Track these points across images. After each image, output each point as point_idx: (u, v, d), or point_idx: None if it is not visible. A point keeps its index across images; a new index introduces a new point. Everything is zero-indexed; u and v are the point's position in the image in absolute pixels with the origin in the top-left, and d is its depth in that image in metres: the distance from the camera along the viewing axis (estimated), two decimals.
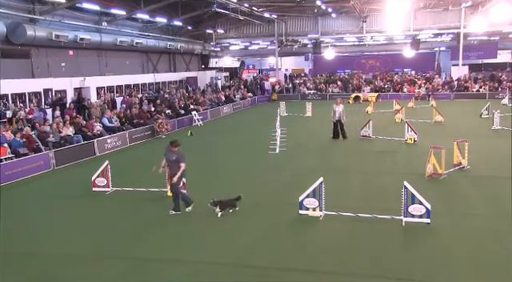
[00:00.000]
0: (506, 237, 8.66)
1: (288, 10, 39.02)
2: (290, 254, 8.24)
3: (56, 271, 7.83)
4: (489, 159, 14.97)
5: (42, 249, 8.75)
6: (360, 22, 40.94)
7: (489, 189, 11.93)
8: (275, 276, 7.46)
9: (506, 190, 11.74)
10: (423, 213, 9.26)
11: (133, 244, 8.90)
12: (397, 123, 23.39)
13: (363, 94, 38.34)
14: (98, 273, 7.71)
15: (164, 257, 8.26)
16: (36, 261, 8.23)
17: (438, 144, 13.61)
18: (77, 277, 7.63)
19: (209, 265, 7.90)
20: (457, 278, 7.18)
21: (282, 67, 52.93)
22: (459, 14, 39.09)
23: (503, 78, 40.53)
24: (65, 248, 8.75)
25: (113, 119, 21.02)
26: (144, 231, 9.57)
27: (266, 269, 7.67)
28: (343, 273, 7.47)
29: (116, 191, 12.53)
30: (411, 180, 9.93)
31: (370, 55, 55.26)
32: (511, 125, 20.89)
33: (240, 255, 8.23)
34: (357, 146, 18.41)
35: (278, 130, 19.55)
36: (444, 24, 40.12)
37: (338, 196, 11.05)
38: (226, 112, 32.34)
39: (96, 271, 7.77)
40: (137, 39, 31.28)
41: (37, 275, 7.75)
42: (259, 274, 7.52)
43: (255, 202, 11.15)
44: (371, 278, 7.31)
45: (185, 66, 42.38)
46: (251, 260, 8.03)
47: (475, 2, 36.21)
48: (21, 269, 7.95)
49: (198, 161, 16.46)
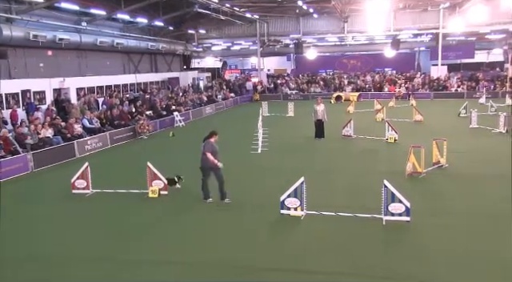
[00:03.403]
0: (485, 234, 8.78)
1: (270, 10, 39.06)
2: (272, 254, 8.22)
3: (33, 275, 7.69)
4: (467, 158, 15.18)
5: (18, 253, 8.56)
6: (341, 22, 41.20)
7: (467, 187, 12.11)
8: (256, 276, 7.42)
9: (483, 187, 11.97)
10: (403, 211, 9.34)
11: (114, 246, 8.78)
12: (378, 123, 23.57)
13: (345, 94, 38.57)
14: (80, 276, 7.60)
15: (147, 258, 8.15)
16: (12, 265, 8.06)
17: (417, 143, 13.71)
18: (58, 280, 7.51)
19: (193, 265, 7.85)
20: (436, 275, 7.23)
21: (265, 67, 53.04)
22: (438, 15, 39.66)
23: (480, 77, 41.24)
24: (43, 251, 8.59)
25: (93, 120, 20.75)
26: (125, 233, 9.45)
27: (248, 269, 7.64)
28: (324, 272, 7.48)
29: (96, 192, 12.35)
30: (391, 179, 10.00)
31: (352, 55, 55.65)
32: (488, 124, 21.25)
33: (222, 256, 8.18)
34: (338, 145, 18.51)
35: (260, 130, 19.55)
36: (423, 24, 40.63)
37: (320, 196, 11.07)
38: (209, 113, 32.24)
39: (77, 274, 7.65)
40: (117, 40, 30.92)
41: (13, 278, 7.60)
42: (241, 273, 7.49)
43: (236, 202, 11.12)
44: (352, 276, 7.33)
45: (167, 66, 42.07)
46: (233, 261, 7.98)
47: (453, 3, 36.76)
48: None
49: (179, 162, 16.39)
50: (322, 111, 19.54)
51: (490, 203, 10.65)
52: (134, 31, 34.17)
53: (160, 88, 36.05)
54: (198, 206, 11.12)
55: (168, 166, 14.07)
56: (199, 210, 10.84)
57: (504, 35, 44.46)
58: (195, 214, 10.57)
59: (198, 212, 10.68)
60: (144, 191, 12.00)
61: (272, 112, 29.75)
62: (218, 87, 41.44)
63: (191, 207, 11.05)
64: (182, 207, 11.12)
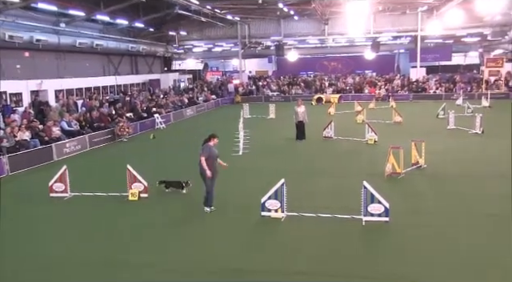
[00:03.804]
0: (462, 233, 8.90)
1: (251, 12, 39.05)
2: (252, 255, 8.22)
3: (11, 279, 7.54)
4: (445, 158, 15.37)
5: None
6: (322, 24, 41.45)
7: (445, 187, 12.25)
8: (237, 277, 7.40)
9: (461, 187, 12.14)
10: (382, 212, 9.43)
11: (93, 249, 8.65)
12: (358, 124, 23.71)
13: (326, 96, 38.80)
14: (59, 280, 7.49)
15: (128, 260, 8.07)
16: None
17: (397, 144, 13.85)
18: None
19: (173, 267, 7.81)
20: (416, 274, 7.30)
21: (246, 69, 53.03)
22: (416, 18, 40.22)
23: (457, 79, 41.95)
24: (18, 256, 8.42)
25: (72, 123, 20.45)
26: (104, 235, 9.34)
27: (228, 270, 7.61)
28: (304, 273, 7.50)
29: (75, 196, 12.16)
30: (371, 180, 10.10)
31: (332, 57, 56.05)
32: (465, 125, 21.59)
33: (203, 258, 8.14)
34: (319, 147, 18.59)
35: (242, 132, 19.52)
36: (402, 27, 41.16)
37: (300, 197, 11.09)
38: (190, 115, 32.10)
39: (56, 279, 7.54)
40: (97, 41, 30.61)
41: None
42: (221, 275, 7.48)
43: (217, 204, 11.07)
44: (332, 277, 7.36)
45: (147, 68, 41.81)
46: (214, 262, 7.95)
47: (430, 7, 37.30)
48: None
49: (160, 164, 16.30)
50: (303, 113, 19.62)
51: (468, 202, 10.81)
52: (114, 33, 33.82)
53: (141, 90, 35.78)
54: (178, 208, 11.06)
55: (148, 168, 13.97)
56: (179, 212, 10.79)
57: (479, 38, 45.39)
58: (175, 216, 10.50)
59: (178, 215, 10.62)
60: (124, 194, 11.87)
61: (253, 114, 29.75)
62: (199, 89, 41.30)
63: (172, 210, 10.98)
64: (162, 209, 11.02)
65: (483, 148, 17.22)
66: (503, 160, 14.94)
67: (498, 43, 44.10)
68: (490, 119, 22.82)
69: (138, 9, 32.80)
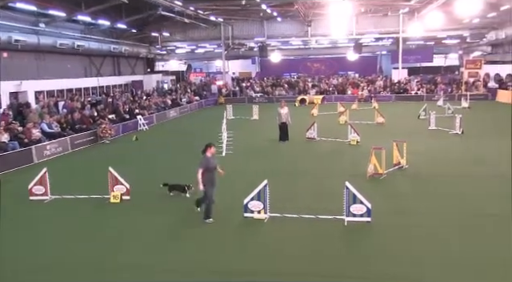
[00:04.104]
0: (443, 233, 8.99)
1: (234, 13, 39.05)
2: (235, 256, 8.21)
3: None
4: (426, 158, 15.54)
5: None
6: (305, 26, 41.70)
7: (426, 187, 12.38)
8: (220, 278, 7.39)
9: (442, 187, 12.26)
10: (364, 212, 9.49)
11: (77, 253, 8.54)
12: (341, 125, 23.84)
13: (309, 97, 38.95)
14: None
15: (110, 262, 7.99)
16: None
17: (379, 145, 13.97)
18: None
19: (156, 269, 7.75)
20: (397, 273, 7.36)
21: (229, 70, 52.95)
22: (398, 20, 40.76)
23: (438, 81, 42.52)
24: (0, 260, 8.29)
25: (53, 125, 20.16)
26: (85, 238, 9.22)
27: (212, 271, 7.58)
28: (287, 273, 7.50)
29: (55, 199, 12.00)
30: (353, 180, 10.15)
31: (316, 59, 56.33)
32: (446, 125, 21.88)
33: (186, 259, 8.11)
34: (302, 148, 18.64)
35: (225, 133, 19.47)
36: (384, 29, 41.67)
37: (283, 198, 11.08)
38: (173, 116, 31.93)
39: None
40: (78, 42, 30.29)
41: None
42: (205, 275, 7.46)
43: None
44: (315, 277, 7.38)
45: (130, 69, 41.53)
46: (197, 263, 7.92)
47: (412, 9, 37.79)
48: None
49: (142, 166, 16.17)
50: (286, 114, 19.66)
51: (449, 202, 10.92)
52: (96, 33, 33.51)
53: (123, 91, 35.50)
54: (160, 210, 10.97)
55: (131, 170, 13.85)
56: (162, 214, 10.69)
57: (459, 40, 46.19)
58: (158, 218, 10.39)
59: (160, 216, 10.52)
60: (106, 197, 11.74)
61: (237, 115, 29.72)
62: (182, 90, 41.12)
63: (154, 212, 10.87)
64: (144, 211, 10.91)
65: (463, 148, 17.46)
66: (483, 160, 15.21)
67: (477, 45, 44.98)
68: (470, 120, 23.17)
69: (121, 10, 32.47)
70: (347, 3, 28.88)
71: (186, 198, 11.70)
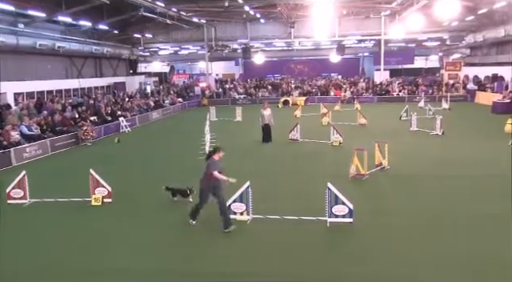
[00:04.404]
0: (425, 233, 9.07)
1: (217, 15, 38.96)
2: (218, 258, 8.17)
3: None
4: (407, 159, 15.67)
5: None
6: (288, 27, 41.89)
7: (407, 187, 12.48)
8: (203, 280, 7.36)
9: (423, 188, 12.39)
10: (346, 213, 9.52)
11: (58, 257, 8.42)
12: (324, 126, 23.93)
13: (292, 98, 39.05)
14: None
15: (89, 267, 7.87)
16: None
17: (361, 146, 14.06)
18: None
19: (146, 273, 7.69)
20: (380, 274, 7.41)
21: (213, 72, 52.86)
22: (380, 22, 41.18)
23: (419, 82, 43.03)
24: None
25: (33, 127, 19.85)
26: (67, 242, 9.08)
27: (195, 274, 7.53)
28: (270, 275, 7.49)
29: (35, 202, 11.80)
30: (336, 181, 10.15)
31: (299, 60, 56.54)
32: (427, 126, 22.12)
33: (170, 261, 8.05)
34: (285, 149, 18.64)
35: (208, 135, 19.37)
36: (366, 31, 42.05)
37: (266, 199, 11.07)
38: (156, 118, 31.69)
39: None
40: (59, 43, 29.86)
41: None
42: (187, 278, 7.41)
43: (181, 207, 10.99)
44: (298, 278, 7.39)
45: (112, 71, 41.10)
46: (180, 266, 7.86)
47: (393, 11, 38.20)
48: None
49: (124, 168, 16.02)
50: (269, 116, 19.68)
51: (430, 202, 11.03)
52: (77, 34, 33.08)
53: (105, 93, 35.13)
54: (143, 213, 10.88)
55: (113, 173, 13.71)
56: (145, 217, 10.60)
57: (439, 43, 46.85)
58: (140, 221, 10.30)
59: (142, 219, 10.43)
60: (87, 199, 11.59)
61: (220, 117, 29.65)
62: (165, 92, 40.87)
63: (136, 214, 10.77)
64: (126, 214, 10.80)
65: (444, 149, 17.65)
66: (463, 161, 15.41)
67: (456, 48, 45.72)
68: (450, 121, 23.44)
69: (102, 10, 32.05)
70: (330, 5, 28.98)
71: (163, 200, 11.62)
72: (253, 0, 32.40)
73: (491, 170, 14.06)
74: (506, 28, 32.99)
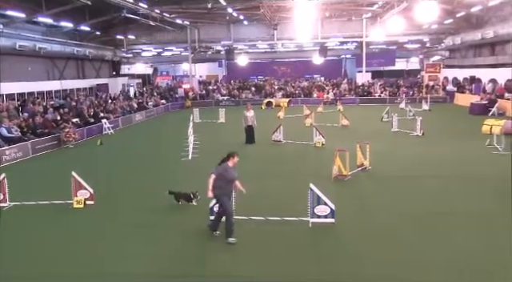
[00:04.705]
0: (406, 233, 9.17)
1: (200, 16, 38.86)
2: (202, 259, 8.16)
3: None
4: (388, 160, 15.84)
5: None
6: (271, 29, 41.98)
7: (388, 187, 12.60)
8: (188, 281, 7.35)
9: (404, 188, 12.53)
10: (328, 213, 9.59)
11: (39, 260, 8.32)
12: (306, 128, 23.98)
13: (275, 100, 39.14)
14: None
15: (72, 271, 7.79)
16: None
17: (343, 147, 14.17)
18: None
19: (131, 276, 7.65)
20: (362, 273, 7.48)
21: (196, 74, 52.68)
22: (361, 24, 41.60)
23: (401, 84, 43.52)
24: None
25: (13, 129, 19.55)
26: (50, 246, 8.98)
27: (178, 276, 7.52)
28: (254, 276, 7.50)
29: (15, 205, 11.64)
30: (318, 182, 10.24)
31: (282, 62, 56.68)
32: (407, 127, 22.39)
33: (153, 263, 7.99)
34: (268, 150, 18.69)
35: (191, 136, 19.32)
36: (348, 33, 42.46)
37: (250, 200, 10.99)
38: (139, 120, 31.47)
39: None
40: (40, 44, 29.49)
41: None
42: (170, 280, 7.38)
43: (166, 208, 10.96)
44: (282, 278, 7.41)
45: (94, 72, 40.72)
46: (162, 268, 7.82)
47: (374, 14, 38.61)
48: None
49: (107, 170, 15.89)
50: (252, 117, 19.73)
51: (411, 202, 11.16)
52: (58, 35, 32.69)
53: (87, 95, 34.77)
54: (125, 215, 10.81)
55: (95, 175, 13.60)
56: (127, 218, 10.53)
57: (419, 45, 47.48)
58: (123, 222, 10.24)
59: (125, 221, 10.36)
60: (69, 202, 11.47)
61: (203, 118, 29.59)
62: (148, 94, 40.61)
63: (119, 217, 10.69)
64: (108, 216, 10.71)
65: (423, 149, 17.84)
66: (442, 161, 15.64)
67: (436, 50, 46.44)
68: (430, 122, 23.72)
69: (84, 11, 31.71)
70: (312, 8, 29.15)
71: (146, 202, 11.55)
72: (236, 2, 32.39)
73: (469, 169, 14.31)
74: (482, 31, 33.63)
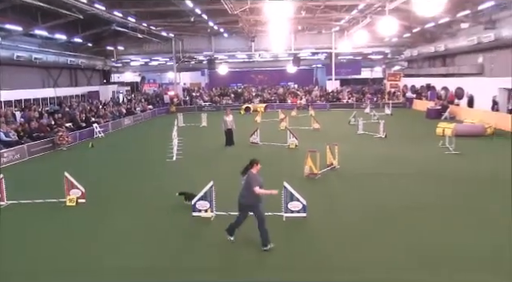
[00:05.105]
0: (371, 227, 9.24)
1: (184, 29, 38.67)
2: (185, 252, 8.13)
3: None
4: (355, 159, 15.99)
5: None
6: (249, 41, 42.07)
7: (355, 185, 12.73)
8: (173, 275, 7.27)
9: (369, 184, 12.68)
10: (300, 209, 9.69)
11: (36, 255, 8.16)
12: (281, 131, 23.99)
13: (253, 105, 39.17)
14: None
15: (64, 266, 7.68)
16: None
17: (314, 148, 14.20)
18: None
19: (117, 269, 7.54)
20: (330, 261, 7.57)
21: (181, 81, 52.32)
22: (331, 37, 42.01)
23: (366, 91, 44.07)
24: None
25: (10, 133, 19.12)
26: (45, 242, 8.81)
27: (164, 269, 7.44)
28: (233, 268, 7.52)
29: (12, 204, 11.40)
30: (291, 180, 10.31)
31: (259, 71, 56.74)
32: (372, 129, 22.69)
33: (140, 257, 7.92)
34: (246, 151, 18.55)
35: (175, 139, 19.19)
36: (319, 45, 42.84)
37: (229, 198, 10.88)
38: (127, 124, 31.07)
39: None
40: (36, 55, 28.89)
41: None
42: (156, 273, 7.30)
43: (151, 205, 10.88)
44: (259, 268, 7.46)
45: (86, 80, 40.06)
46: (148, 262, 7.76)
47: (342, 28, 39.02)
48: None
49: (98, 170, 15.69)
50: (231, 121, 19.72)
51: (376, 198, 11.26)
52: (53, 47, 32.09)
53: (80, 101, 34.24)
54: (115, 212, 10.69)
55: (87, 175, 13.40)
56: (116, 216, 10.41)
57: (382, 56, 48.15)
58: (112, 219, 10.12)
59: (114, 218, 10.25)
60: (61, 200, 11.29)
61: (187, 122, 29.41)
62: (136, 100, 40.17)
63: (109, 213, 10.57)
64: (99, 213, 10.57)
65: (386, 150, 18.09)
66: (402, 160, 15.91)
67: (397, 61, 47.12)
68: (391, 125, 24.11)
69: (77, 25, 31.30)
70: (286, 22, 29.28)
71: (135, 200, 11.44)
72: (217, 16, 32.31)
73: (426, 167, 14.58)
74: (435, 45, 34.47)
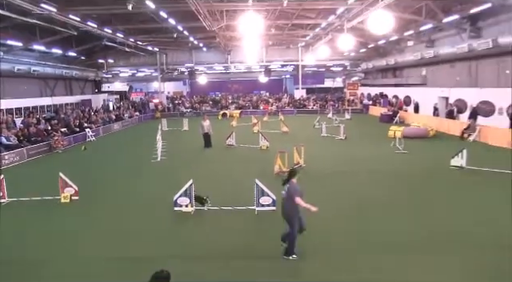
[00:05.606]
0: (331, 216, 9.31)
1: (168, 44, 38.40)
2: (168, 243, 8.17)
3: None
4: (319, 159, 16.11)
5: None
6: (225, 54, 42.07)
7: (319, 181, 12.82)
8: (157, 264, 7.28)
9: (331, 181, 12.86)
10: (270, 203, 9.85)
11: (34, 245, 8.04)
12: (254, 134, 24.01)
13: (229, 111, 39.16)
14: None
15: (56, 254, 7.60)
16: None
17: (283, 149, 14.34)
18: None
19: (100, 259, 7.50)
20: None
21: (165, 90, 51.75)
22: (297, 51, 42.46)
23: (328, 98, 44.69)
24: None
25: (11, 138, 18.65)
26: (41, 235, 8.69)
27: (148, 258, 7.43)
28: (213, 256, 7.58)
29: (12, 201, 11.20)
30: (263, 178, 10.43)
31: (235, 80, 56.71)
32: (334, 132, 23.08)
33: (127, 249, 7.94)
34: (222, 153, 18.71)
35: (160, 142, 19.08)
36: (287, 58, 43.27)
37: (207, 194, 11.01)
38: (117, 129, 30.59)
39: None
40: (34, 67, 28.21)
41: None
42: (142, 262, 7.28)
43: (137, 202, 10.87)
44: (235, 257, 7.50)
45: (80, 90, 39.27)
46: (134, 252, 7.78)
47: (307, 44, 39.55)
48: None
49: (90, 171, 15.49)
50: (208, 126, 19.74)
51: (339, 193, 11.36)
52: (50, 60, 31.35)
53: (74, 109, 33.53)
54: (106, 208, 10.62)
55: (80, 175, 13.23)
56: (107, 211, 10.36)
57: (342, 68, 48.98)
58: (104, 214, 10.07)
59: (104, 213, 10.20)
60: (57, 198, 11.17)
61: (170, 127, 29.19)
62: (125, 107, 39.58)
63: (99, 209, 10.50)
64: (90, 209, 10.47)
65: (346, 150, 18.34)
66: (360, 158, 16.17)
67: (355, 72, 47.99)
68: (350, 128, 24.46)
69: (71, 40, 30.77)
70: (258, 37, 29.48)
71: (123, 196, 11.36)
72: (197, 32, 32.25)
73: (380, 165, 14.78)
74: (386, 59, 35.38)
